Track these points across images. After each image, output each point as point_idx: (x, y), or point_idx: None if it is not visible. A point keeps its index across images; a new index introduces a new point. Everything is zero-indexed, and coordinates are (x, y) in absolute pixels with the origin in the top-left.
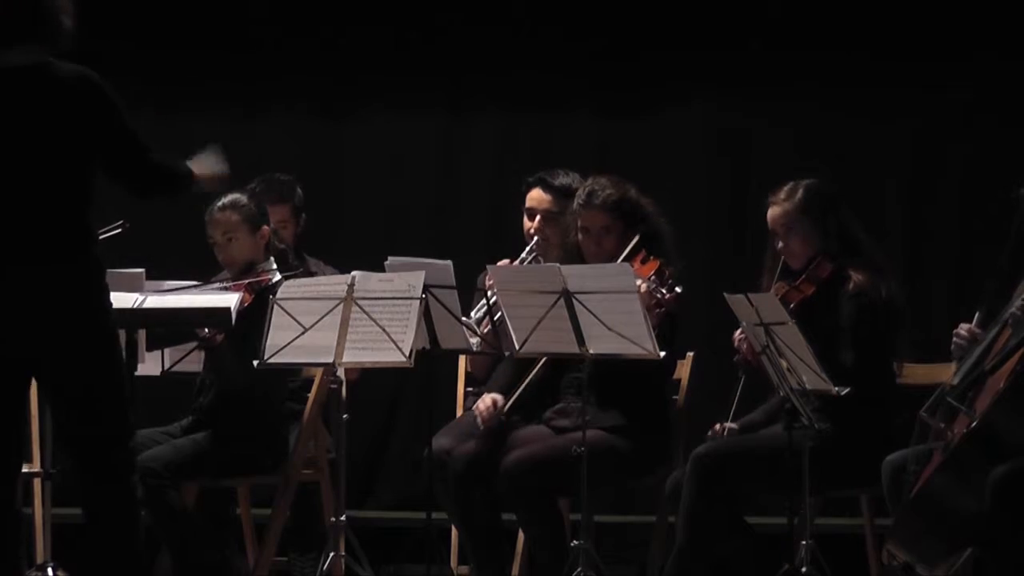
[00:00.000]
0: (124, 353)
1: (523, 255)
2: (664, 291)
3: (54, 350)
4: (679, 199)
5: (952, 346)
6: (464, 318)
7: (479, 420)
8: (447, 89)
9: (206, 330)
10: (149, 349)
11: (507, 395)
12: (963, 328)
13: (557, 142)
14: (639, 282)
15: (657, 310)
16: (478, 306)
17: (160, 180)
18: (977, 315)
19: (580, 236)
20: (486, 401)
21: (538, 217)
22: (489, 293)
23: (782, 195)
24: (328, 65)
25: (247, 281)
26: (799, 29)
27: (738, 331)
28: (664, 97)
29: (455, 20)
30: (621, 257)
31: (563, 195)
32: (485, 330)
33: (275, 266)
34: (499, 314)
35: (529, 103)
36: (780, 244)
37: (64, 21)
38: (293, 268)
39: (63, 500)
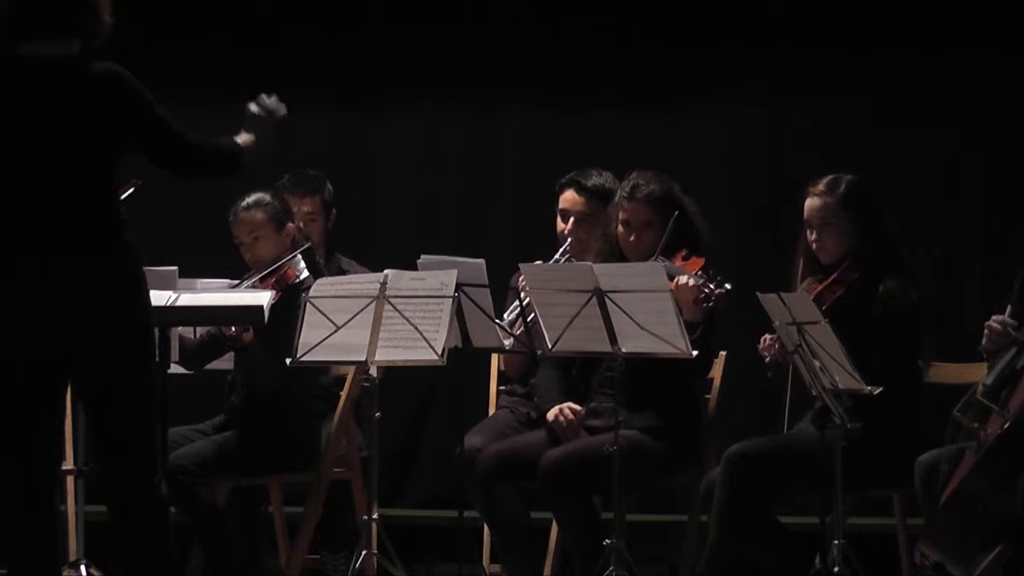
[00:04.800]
0: (157, 351)
1: (556, 256)
2: (712, 286)
3: (86, 342)
4: (709, 197)
5: (983, 340)
6: (498, 321)
7: (563, 434)
8: (478, 85)
9: (233, 328)
10: (180, 363)
11: (577, 401)
12: (995, 320)
13: (589, 139)
14: (686, 277)
15: (705, 305)
16: (511, 307)
17: (201, 160)
18: (1009, 308)
19: (620, 229)
20: (565, 413)
21: (571, 219)
22: (522, 294)
23: (822, 187)
24: (360, 61)
25: (271, 269)
26: (829, 28)
27: (766, 336)
28: (695, 94)
29: (486, 16)
30: (658, 249)
31: (596, 196)
32: (518, 331)
33: (303, 264)
34: (532, 315)
35: (561, 99)
36: (814, 236)
37: (105, 18)
38: (320, 266)
39: (96, 498)
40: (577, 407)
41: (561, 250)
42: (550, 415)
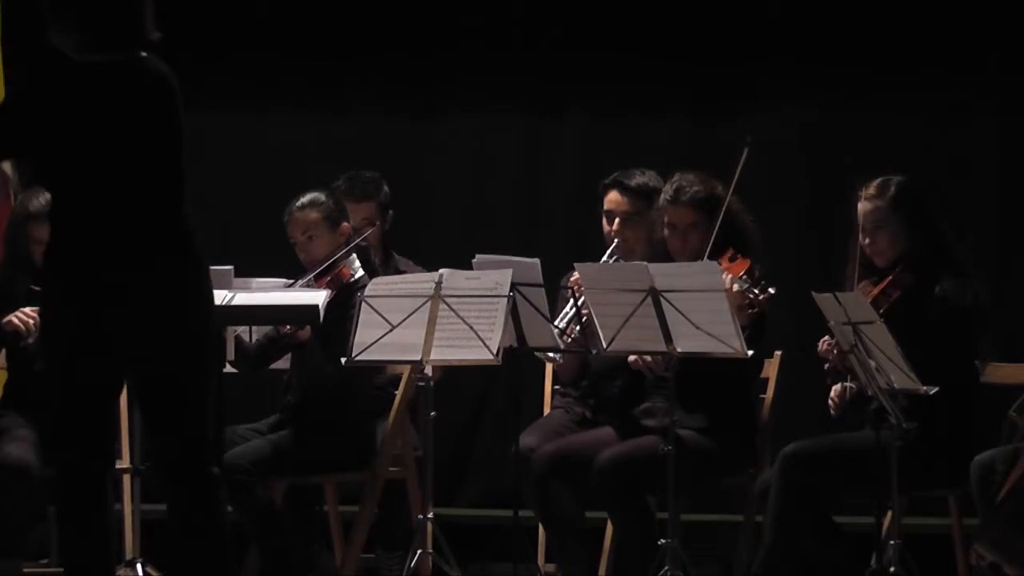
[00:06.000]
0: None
1: (604, 258)
2: (756, 291)
3: (147, 352)
4: (764, 198)
5: None
6: (552, 326)
7: (647, 370)
8: (533, 88)
9: (287, 328)
10: (237, 366)
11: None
12: None
13: (642, 142)
14: (729, 281)
15: (749, 311)
16: (563, 312)
17: None
18: None
19: (666, 232)
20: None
21: (617, 220)
22: (576, 293)
23: (873, 190)
24: (416, 66)
25: (325, 266)
26: (885, 33)
27: (823, 341)
28: (747, 98)
29: (539, 20)
30: (706, 252)
31: (640, 196)
32: (572, 337)
33: (357, 263)
34: (586, 316)
35: (614, 102)
36: (867, 240)
37: (152, 32)
38: (374, 265)
39: (151, 496)
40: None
41: (609, 251)
42: (631, 358)
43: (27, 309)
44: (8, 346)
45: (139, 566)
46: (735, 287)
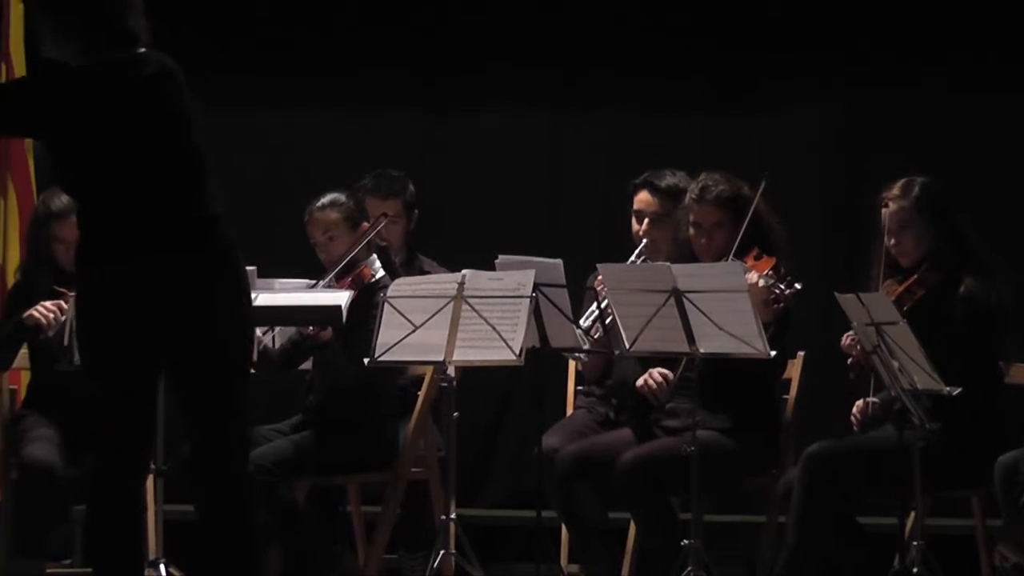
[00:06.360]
0: None
1: (632, 258)
2: (783, 286)
3: (180, 342)
4: (789, 198)
5: None
6: (576, 328)
7: (653, 397)
8: (557, 86)
9: (310, 328)
10: (260, 370)
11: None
12: None
13: (668, 139)
14: (755, 277)
15: (775, 306)
16: (587, 313)
17: None
18: None
19: (691, 231)
20: (654, 376)
21: (646, 220)
22: (600, 295)
23: (896, 191)
24: (439, 62)
25: (344, 265)
26: (915, 30)
27: (847, 336)
28: (775, 95)
29: (565, 18)
30: (732, 252)
31: (670, 196)
32: (596, 336)
33: (378, 263)
34: (610, 318)
35: (640, 100)
36: (892, 241)
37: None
38: (394, 265)
39: (175, 497)
40: (667, 371)
41: (637, 251)
42: (638, 383)
43: (48, 303)
44: (29, 340)
45: (162, 566)
46: (761, 282)
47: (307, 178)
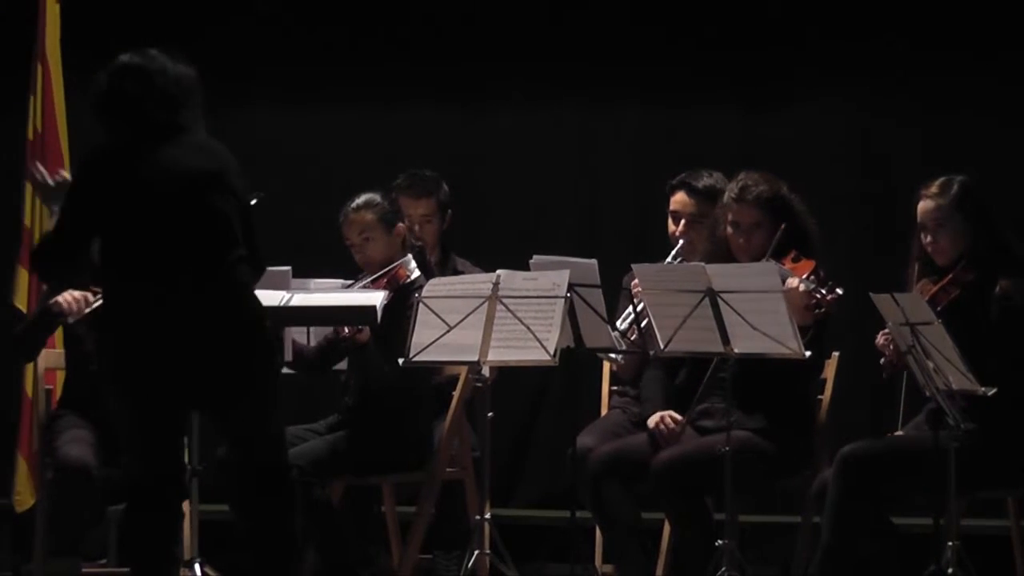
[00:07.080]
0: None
1: (668, 259)
2: (824, 291)
3: (203, 376)
4: (823, 196)
5: None
6: (612, 331)
7: (663, 441)
8: (591, 86)
9: (346, 329)
10: (296, 369)
11: (682, 406)
12: None
13: (703, 138)
14: (796, 281)
15: (816, 311)
16: (623, 315)
17: None
18: None
19: (729, 230)
20: (667, 421)
21: (683, 221)
22: (635, 298)
23: (935, 189)
24: (473, 60)
25: (384, 271)
26: (950, 26)
27: (881, 334)
28: (808, 94)
29: (597, 15)
30: (768, 252)
31: (707, 197)
32: (632, 336)
33: (413, 263)
34: (645, 320)
35: (674, 99)
36: (928, 239)
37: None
38: (430, 266)
39: (209, 497)
40: (678, 416)
41: (673, 252)
42: (651, 422)
43: (76, 292)
44: (54, 324)
45: (197, 566)
46: (802, 287)
47: (339, 177)
